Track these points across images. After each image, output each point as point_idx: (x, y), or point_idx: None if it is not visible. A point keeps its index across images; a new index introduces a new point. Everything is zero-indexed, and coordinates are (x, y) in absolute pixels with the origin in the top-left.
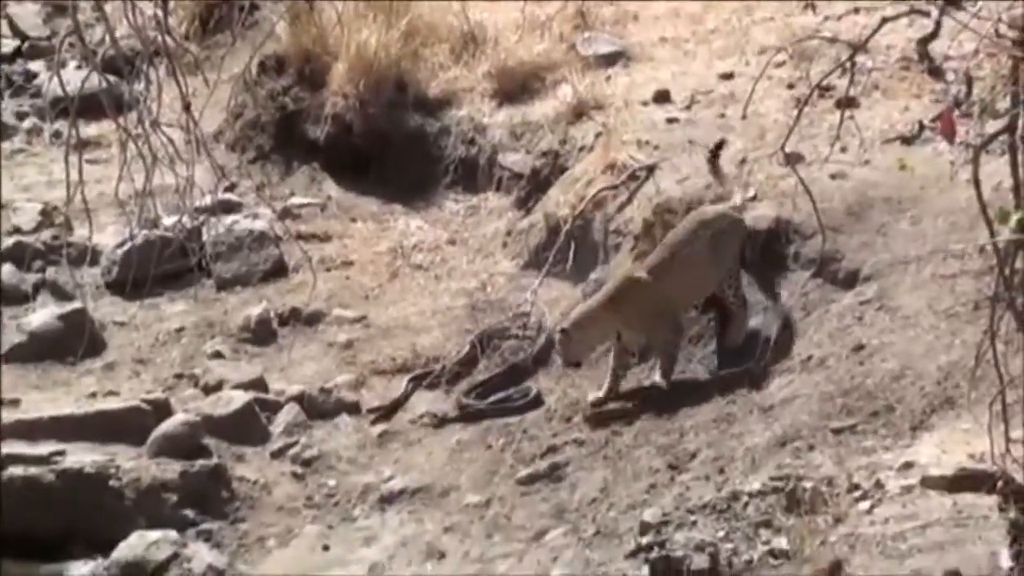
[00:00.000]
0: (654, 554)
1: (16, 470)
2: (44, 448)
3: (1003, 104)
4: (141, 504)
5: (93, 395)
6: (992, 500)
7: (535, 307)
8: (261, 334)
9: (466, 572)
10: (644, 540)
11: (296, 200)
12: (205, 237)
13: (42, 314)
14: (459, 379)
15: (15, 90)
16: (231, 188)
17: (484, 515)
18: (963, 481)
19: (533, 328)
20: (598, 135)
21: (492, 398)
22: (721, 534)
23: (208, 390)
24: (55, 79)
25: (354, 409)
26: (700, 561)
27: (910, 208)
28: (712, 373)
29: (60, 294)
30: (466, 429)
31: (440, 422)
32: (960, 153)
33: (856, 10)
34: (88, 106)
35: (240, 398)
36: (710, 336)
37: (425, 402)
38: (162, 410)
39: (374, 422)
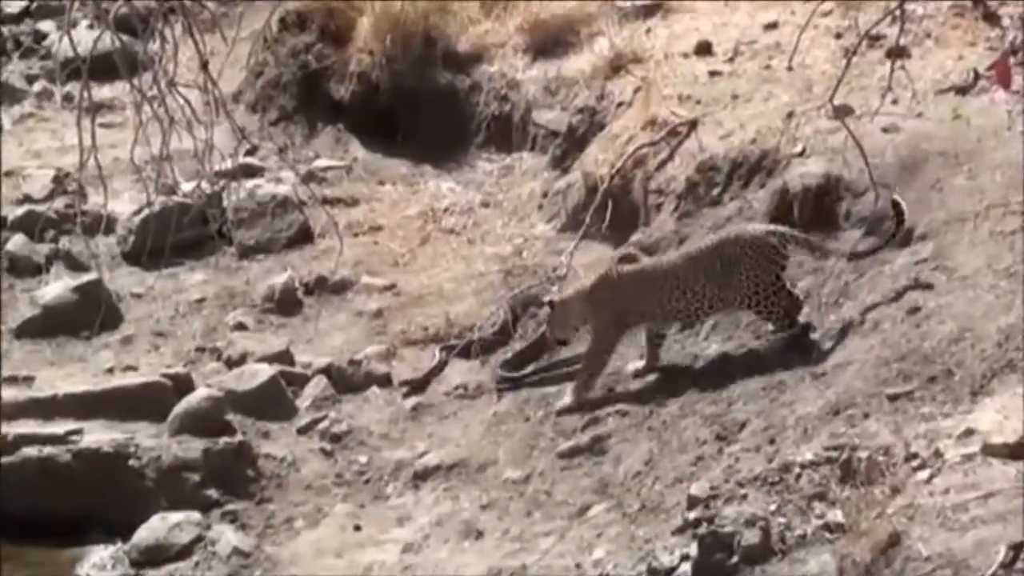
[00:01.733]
0: (702, 529)
1: (31, 451)
2: (60, 427)
3: None
4: (162, 484)
5: (110, 371)
6: None
7: (572, 271)
8: (286, 304)
9: (505, 551)
10: (692, 515)
11: (321, 163)
12: (225, 203)
13: (56, 286)
14: (494, 348)
15: (24, 51)
16: (252, 151)
17: (523, 491)
18: None
19: None
20: (637, 90)
21: (529, 367)
22: (772, 507)
23: (231, 364)
24: (66, 39)
25: (385, 381)
26: (751, 536)
27: (966, 162)
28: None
29: (74, 265)
30: (503, 401)
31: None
32: (1017, 103)
33: None
34: (101, 67)
35: (265, 372)
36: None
37: (459, 373)
38: (183, 385)
39: (406, 395)
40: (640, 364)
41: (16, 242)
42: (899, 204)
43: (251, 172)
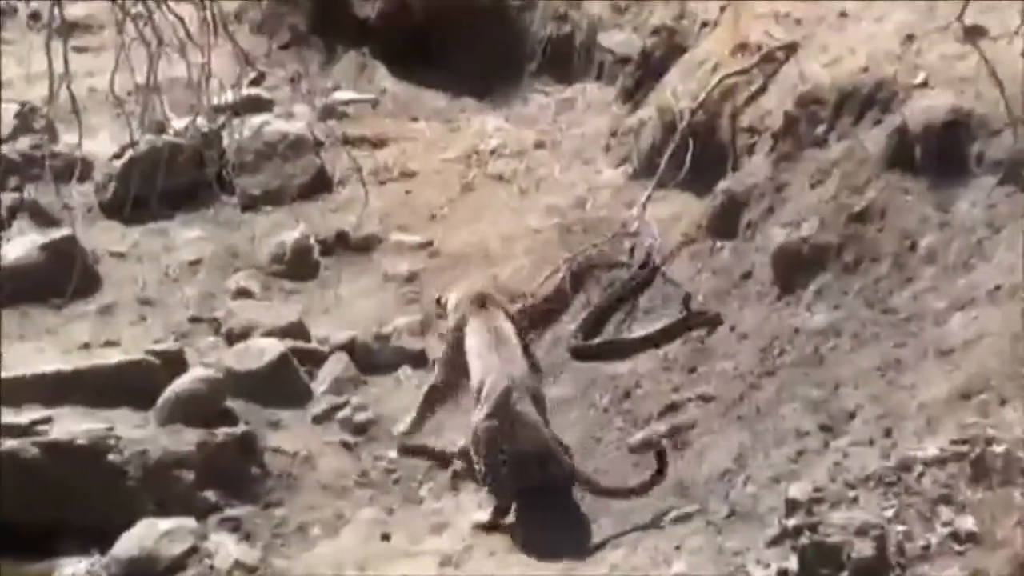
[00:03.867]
0: (804, 539)
1: None
2: (26, 415)
3: None
4: (149, 485)
5: (86, 346)
6: None
7: (646, 226)
8: (299, 266)
9: (564, 565)
10: (791, 522)
11: (341, 95)
12: (226, 143)
13: (21, 244)
14: (549, 319)
15: None
16: (258, 81)
17: (586, 493)
18: None
19: (643, 254)
20: (724, 7)
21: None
22: (889, 513)
23: (232, 338)
24: None
25: (419, 360)
26: (863, 547)
27: None
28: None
29: (43, 218)
30: (561, 383)
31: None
32: None
33: None
34: None
35: (273, 348)
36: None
37: None
38: (174, 364)
39: None
40: None
41: None
42: (663, 452)
43: (257, 106)
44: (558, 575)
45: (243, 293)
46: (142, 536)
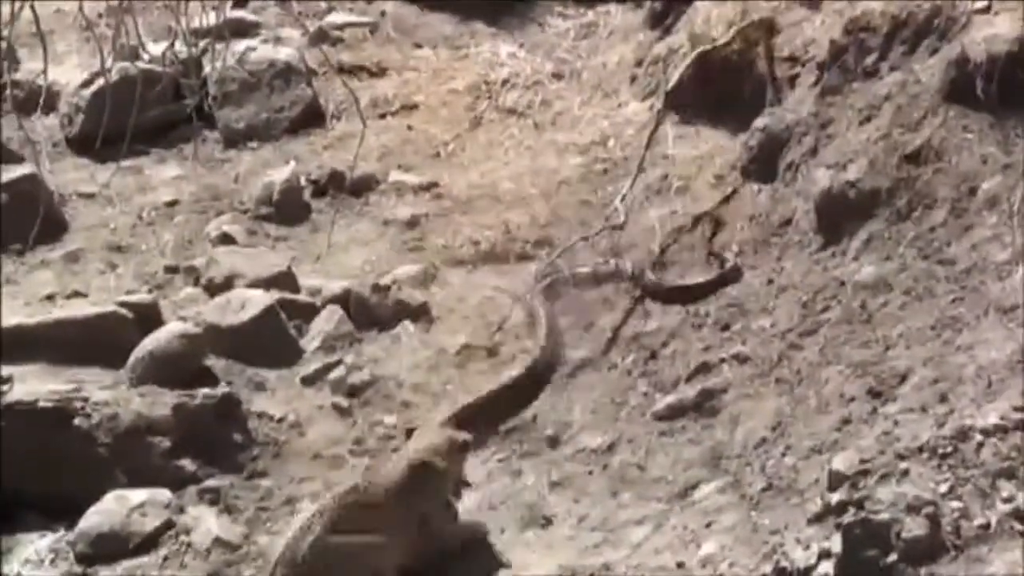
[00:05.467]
0: (849, 517)
1: None
2: None
3: None
4: (120, 452)
5: (50, 297)
6: None
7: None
8: (288, 209)
9: (582, 544)
10: (834, 498)
11: (336, 18)
12: (207, 71)
13: None
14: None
15: None
16: (243, 1)
17: (607, 464)
18: None
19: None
20: None
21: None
22: (944, 488)
23: (213, 289)
24: None
25: (420, 314)
26: (914, 526)
27: None
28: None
29: (2, 154)
30: (580, 342)
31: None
32: None
33: None
34: None
35: (259, 300)
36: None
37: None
38: (148, 318)
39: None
40: None
41: None
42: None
43: (241, 30)
44: (575, 556)
45: (225, 239)
46: (112, 509)
